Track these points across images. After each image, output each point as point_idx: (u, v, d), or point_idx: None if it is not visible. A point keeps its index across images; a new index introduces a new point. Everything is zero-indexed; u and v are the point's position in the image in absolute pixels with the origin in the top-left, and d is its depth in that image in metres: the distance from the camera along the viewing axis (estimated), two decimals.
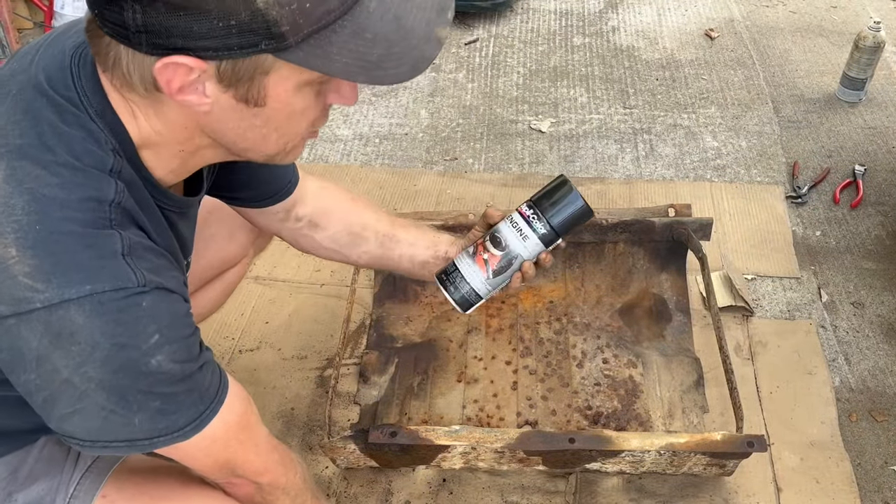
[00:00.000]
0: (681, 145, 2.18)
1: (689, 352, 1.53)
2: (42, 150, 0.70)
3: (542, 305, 1.62)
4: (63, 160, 0.71)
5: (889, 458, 1.41)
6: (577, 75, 2.48)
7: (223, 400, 0.81)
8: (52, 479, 0.93)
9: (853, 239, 1.86)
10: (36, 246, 0.67)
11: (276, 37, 0.65)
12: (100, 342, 0.68)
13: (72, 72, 0.74)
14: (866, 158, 2.10)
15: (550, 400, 1.46)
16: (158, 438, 0.76)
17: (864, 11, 2.78)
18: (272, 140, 0.77)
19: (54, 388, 0.70)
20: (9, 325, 0.67)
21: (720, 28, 2.71)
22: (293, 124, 0.76)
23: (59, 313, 0.67)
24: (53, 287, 0.67)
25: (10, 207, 0.68)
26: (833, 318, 1.67)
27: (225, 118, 0.73)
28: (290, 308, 1.70)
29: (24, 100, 0.73)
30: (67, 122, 0.72)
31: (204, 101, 0.70)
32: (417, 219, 1.56)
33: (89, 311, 0.67)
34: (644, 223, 1.54)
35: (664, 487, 1.35)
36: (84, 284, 0.67)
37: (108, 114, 0.74)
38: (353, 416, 1.48)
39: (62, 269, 0.67)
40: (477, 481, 1.38)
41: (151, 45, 0.66)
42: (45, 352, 0.68)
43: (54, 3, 2.70)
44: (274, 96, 0.71)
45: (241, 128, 0.74)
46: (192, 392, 0.77)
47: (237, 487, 0.92)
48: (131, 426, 0.73)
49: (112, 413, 0.72)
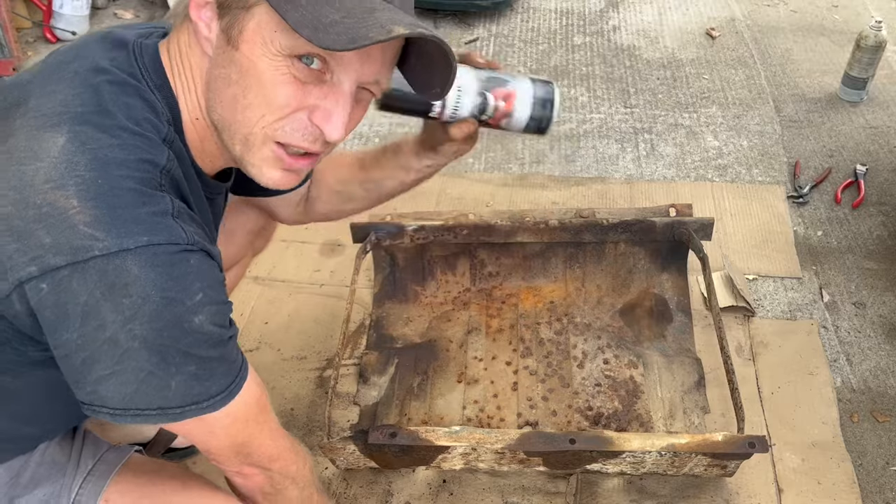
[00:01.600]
0: (682, 145, 2.17)
1: (691, 352, 1.52)
2: (102, 116, 0.75)
3: (543, 306, 1.61)
4: (122, 124, 0.75)
5: (891, 458, 1.41)
6: (577, 74, 2.48)
7: (245, 377, 0.83)
8: (55, 483, 0.93)
9: (855, 239, 1.86)
10: (97, 198, 0.70)
11: None
12: (151, 295, 0.70)
13: (134, 53, 0.80)
14: (868, 158, 2.10)
15: (551, 400, 1.46)
16: (190, 407, 0.77)
17: (866, 11, 2.77)
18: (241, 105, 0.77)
19: (95, 347, 0.71)
20: (61, 277, 0.68)
21: (721, 27, 2.70)
22: (261, 92, 0.75)
23: (116, 262, 0.69)
24: (113, 236, 0.69)
25: (74, 165, 0.71)
26: (834, 318, 1.67)
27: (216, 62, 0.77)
28: (289, 308, 1.70)
29: (86, 77, 0.77)
30: (127, 93, 0.77)
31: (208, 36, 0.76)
32: (417, 219, 1.56)
33: (144, 262, 0.70)
34: (645, 223, 1.54)
35: (665, 488, 1.35)
36: (141, 236, 0.70)
37: (165, 88, 0.80)
38: (352, 417, 1.48)
39: (122, 221, 0.70)
40: (477, 482, 1.37)
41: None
42: (94, 305, 0.69)
43: (53, 3, 2.70)
44: (246, 41, 0.74)
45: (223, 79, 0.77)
46: (223, 361, 0.79)
47: (248, 478, 0.92)
48: (167, 391, 0.74)
49: (150, 375, 0.73)
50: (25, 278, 0.68)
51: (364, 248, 1.52)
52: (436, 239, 1.57)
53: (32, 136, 0.73)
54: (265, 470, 0.91)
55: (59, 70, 0.79)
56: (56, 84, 0.77)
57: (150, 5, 2.99)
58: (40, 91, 0.77)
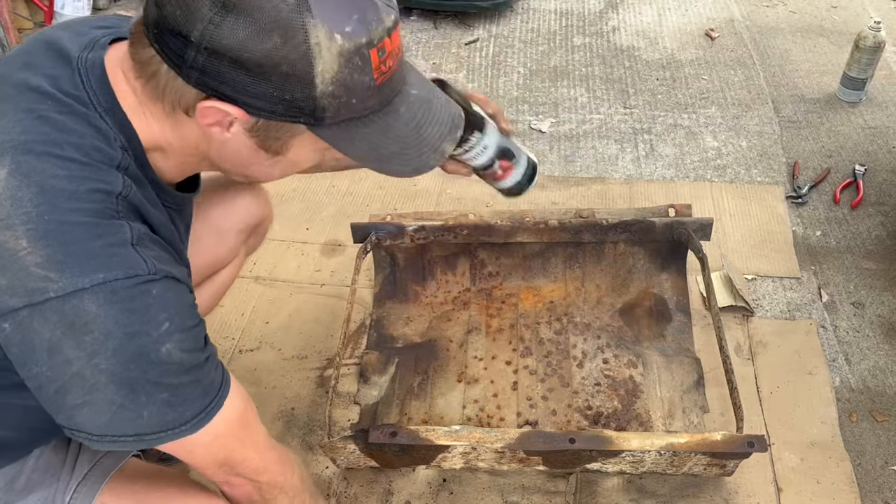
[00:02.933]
0: (681, 145, 2.18)
1: (690, 352, 1.53)
2: (48, 145, 0.72)
3: (543, 305, 1.62)
4: (70, 155, 0.72)
5: (889, 458, 1.41)
6: (577, 75, 2.48)
7: (226, 395, 0.82)
8: (49, 488, 0.92)
9: (853, 239, 1.86)
10: (47, 236, 0.68)
11: (317, 118, 0.73)
12: (112, 331, 0.69)
13: (79, 73, 0.76)
14: (867, 158, 2.10)
15: (551, 400, 1.46)
16: (165, 433, 0.76)
17: (865, 11, 2.78)
18: (272, 176, 0.85)
19: (65, 379, 0.71)
20: (21, 317, 0.68)
21: (720, 28, 2.71)
22: (295, 168, 0.84)
23: (72, 302, 0.68)
24: (67, 276, 0.68)
25: (19, 200, 0.69)
26: (833, 318, 1.67)
27: (238, 152, 0.79)
28: (290, 308, 1.70)
29: (26, 100, 0.74)
30: (75, 120, 0.74)
31: (226, 136, 0.76)
32: (417, 219, 1.57)
33: (102, 300, 0.69)
34: (644, 223, 1.54)
35: (664, 487, 1.35)
36: (97, 273, 0.69)
37: (117, 113, 0.76)
38: (353, 416, 1.48)
39: (74, 259, 0.68)
40: (477, 481, 1.38)
41: (200, 83, 0.71)
42: (58, 343, 0.69)
43: (54, 3, 2.70)
44: (293, 152, 0.79)
45: (249, 163, 0.81)
46: (198, 384, 0.78)
47: (236, 487, 0.92)
48: (140, 420, 0.74)
49: (121, 408, 0.73)
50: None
51: (364, 249, 1.52)
52: (436, 239, 1.57)
53: None
54: (252, 481, 0.91)
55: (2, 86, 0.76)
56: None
57: None
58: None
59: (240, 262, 1.33)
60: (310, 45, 0.68)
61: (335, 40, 0.69)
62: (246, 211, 1.25)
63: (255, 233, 1.30)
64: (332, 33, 0.69)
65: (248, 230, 1.27)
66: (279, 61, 0.68)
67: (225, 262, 1.28)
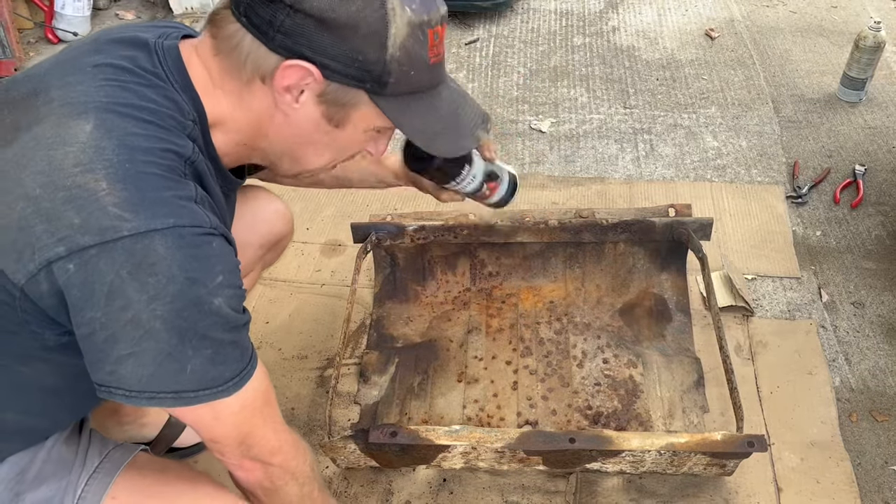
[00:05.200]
0: (681, 145, 2.18)
1: (690, 352, 1.53)
2: (128, 108, 0.77)
3: (543, 305, 1.62)
4: (147, 118, 0.78)
5: (889, 458, 1.41)
6: (577, 75, 2.48)
7: (255, 366, 0.85)
8: (61, 480, 0.93)
9: (853, 239, 1.86)
10: (126, 180, 0.73)
11: (381, 84, 0.80)
12: (175, 275, 0.72)
13: (157, 54, 0.83)
14: (867, 158, 2.10)
15: (551, 400, 1.46)
16: (203, 392, 0.78)
17: (865, 11, 2.78)
18: (323, 158, 0.91)
19: (118, 327, 0.73)
20: (89, 256, 0.70)
21: (720, 28, 2.71)
22: (343, 153, 0.91)
23: (144, 242, 0.71)
24: (141, 217, 0.72)
25: (101, 149, 0.73)
26: (833, 317, 1.67)
27: (298, 125, 0.84)
28: (290, 308, 1.70)
29: (105, 73, 0.80)
30: (153, 91, 0.80)
31: (294, 106, 0.81)
32: (417, 219, 1.57)
33: (171, 243, 0.72)
34: (644, 223, 1.54)
35: (664, 487, 1.35)
36: (168, 217, 0.73)
37: (190, 90, 0.83)
38: (353, 416, 1.48)
39: (149, 203, 0.73)
40: (477, 481, 1.38)
41: (282, 46, 0.77)
42: (120, 284, 0.71)
43: (55, 3, 2.70)
44: (351, 125, 0.85)
45: (306, 138, 0.86)
46: (237, 346, 0.81)
47: (248, 472, 0.93)
48: (183, 374, 0.76)
49: (168, 357, 0.75)
50: (53, 258, 0.71)
51: (365, 248, 1.52)
52: (436, 239, 1.57)
53: (59, 123, 0.75)
54: (265, 465, 0.92)
55: (77, 64, 0.81)
56: (76, 76, 0.79)
57: (152, 6, 2.99)
58: (60, 82, 0.79)
59: (256, 276, 1.34)
60: (386, 10, 0.77)
61: (406, 10, 0.79)
62: (268, 226, 1.27)
63: (274, 248, 1.32)
64: (404, 4, 0.78)
65: (267, 245, 1.29)
66: (360, 22, 0.76)
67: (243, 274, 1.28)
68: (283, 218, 1.31)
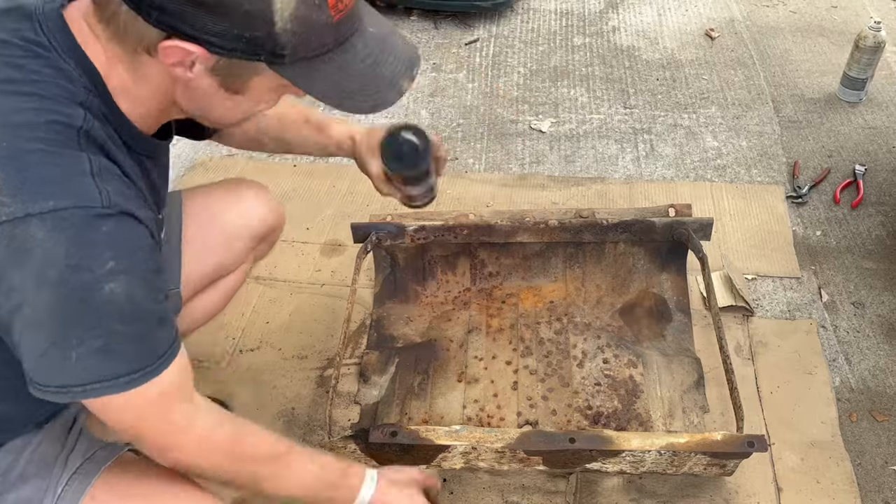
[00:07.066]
0: (681, 145, 2.18)
1: (690, 352, 1.53)
2: (9, 85, 0.73)
3: (543, 305, 1.62)
4: (31, 91, 0.73)
5: (889, 457, 1.41)
6: (577, 75, 2.48)
7: (168, 363, 0.77)
8: (42, 479, 0.92)
9: (853, 239, 1.86)
10: (3, 162, 0.70)
11: (276, 55, 0.74)
12: (55, 261, 0.69)
13: (38, 22, 0.77)
14: (867, 158, 2.10)
15: (551, 400, 1.46)
16: (91, 386, 0.73)
17: (865, 11, 2.78)
18: (235, 117, 0.86)
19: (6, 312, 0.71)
20: None
21: (720, 28, 2.71)
22: (255, 109, 0.86)
23: (21, 227, 0.68)
24: (18, 201, 0.69)
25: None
26: (833, 317, 1.67)
27: (200, 93, 0.80)
28: (290, 308, 1.70)
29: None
30: (38, 63, 0.75)
31: (188, 75, 0.76)
32: (417, 219, 1.57)
33: (50, 227, 0.69)
34: (644, 223, 1.54)
35: (664, 487, 1.35)
36: (48, 200, 0.69)
37: (78, 55, 0.77)
38: (353, 416, 1.48)
39: (29, 185, 0.69)
40: (477, 481, 1.38)
41: (160, 21, 0.71)
42: (4, 271, 0.69)
43: None
44: (253, 90, 0.80)
45: (212, 104, 0.82)
46: (140, 339, 0.75)
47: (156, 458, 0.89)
48: (68, 363, 0.72)
49: (53, 346, 0.71)
50: None
51: (365, 248, 1.52)
52: (436, 239, 1.57)
53: None
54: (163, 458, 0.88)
55: None
56: None
57: None
58: None
59: (247, 269, 1.34)
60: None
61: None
62: (258, 219, 1.26)
63: (264, 240, 1.31)
64: None
65: (258, 238, 1.28)
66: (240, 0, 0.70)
67: (232, 267, 1.28)
68: (273, 210, 1.29)
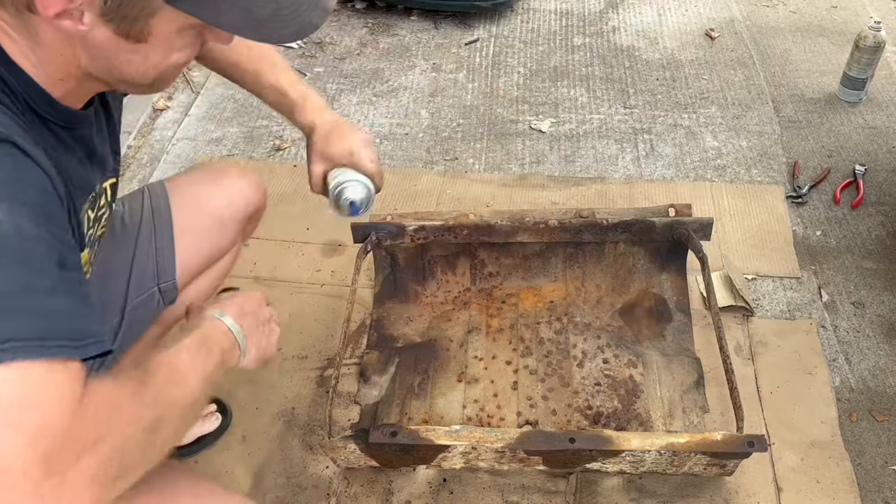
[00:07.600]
0: (681, 145, 2.18)
1: (690, 352, 1.53)
2: None
3: (543, 305, 1.62)
4: None
5: (889, 457, 1.41)
6: (577, 75, 2.48)
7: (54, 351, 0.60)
8: None
9: (854, 239, 1.86)
10: None
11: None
12: None
13: None
14: (867, 158, 2.10)
15: (551, 400, 1.46)
16: None
17: (865, 11, 2.77)
18: (148, 75, 0.77)
19: None
20: None
21: (720, 28, 2.71)
22: (170, 61, 0.76)
23: None
24: None
25: None
26: (833, 317, 1.67)
27: (102, 48, 0.72)
28: (290, 308, 1.70)
29: None
30: None
31: (80, 28, 0.68)
32: (417, 219, 1.57)
33: None
34: (644, 223, 1.54)
35: (664, 487, 1.35)
36: None
37: None
38: (353, 416, 1.48)
39: None
40: (477, 481, 1.38)
41: None
42: None
43: None
44: (156, 35, 0.71)
45: (118, 60, 0.73)
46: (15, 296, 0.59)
47: None
48: None
49: None
50: None
51: (365, 248, 1.52)
52: (436, 239, 1.57)
53: None
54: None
55: None
56: None
57: None
58: None
59: (238, 250, 1.37)
60: None
61: None
62: (244, 200, 1.29)
63: (252, 220, 1.35)
64: None
65: (246, 218, 1.31)
66: None
67: (227, 249, 1.32)
68: (257, 189, 1.32)
